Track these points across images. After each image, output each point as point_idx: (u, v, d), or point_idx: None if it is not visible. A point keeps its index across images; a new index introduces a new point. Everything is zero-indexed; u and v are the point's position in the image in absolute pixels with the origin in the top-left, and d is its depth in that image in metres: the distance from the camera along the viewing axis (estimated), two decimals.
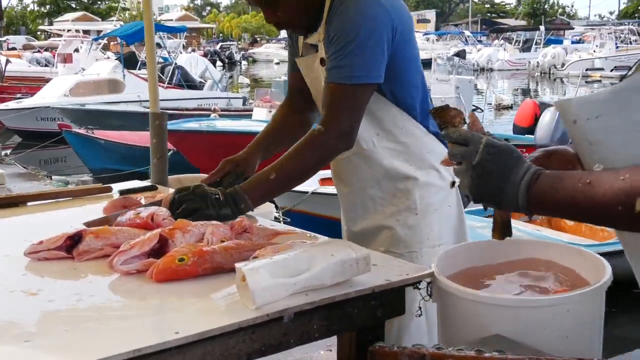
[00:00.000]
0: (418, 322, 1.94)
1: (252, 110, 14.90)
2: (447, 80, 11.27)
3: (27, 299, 1.45)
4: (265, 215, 2.41)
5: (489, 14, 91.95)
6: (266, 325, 1.37)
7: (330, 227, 2.52)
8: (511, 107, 18.95)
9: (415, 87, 2.09)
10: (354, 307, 1.50)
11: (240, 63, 54.53)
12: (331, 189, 8.69)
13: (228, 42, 62.24)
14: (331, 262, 1.45)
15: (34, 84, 21.12)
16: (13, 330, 1.30)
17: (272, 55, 59.49)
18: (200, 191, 1.91)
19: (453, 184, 2.13)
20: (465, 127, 1.35)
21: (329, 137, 1.97)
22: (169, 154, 10.09)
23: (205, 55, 38.79)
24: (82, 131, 11.79)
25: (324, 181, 8.50)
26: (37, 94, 17.74)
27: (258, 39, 74.03)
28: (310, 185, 8.08)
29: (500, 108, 19.10)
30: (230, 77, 30.16)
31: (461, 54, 42.04)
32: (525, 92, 30.01)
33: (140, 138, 11.27)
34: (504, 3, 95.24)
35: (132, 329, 1.29)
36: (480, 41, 59.44)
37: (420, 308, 1.65)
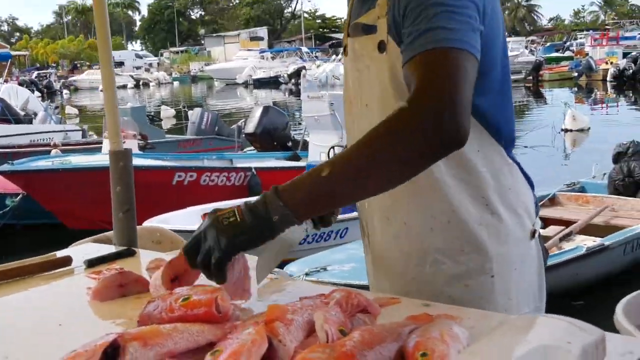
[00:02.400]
0: None
1: (96, 143, 13.96)
2: (320, 97, 10.96)
3: None
4: None
5: (320, 29, 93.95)
6: None
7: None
8: None
9: (503, 99, 1.56)
10: None
11: (62, 92, 52.07)
12: None
13: (45, 70, 59.24)
14: (575, 354, 1.00)
15: None
16: None
17: (97, 82, 57.31)
18: (209, 227, 1.34)
19: (534, 233, 1.62)
20: None
21: (421, 114, 1.26)
22: (17, 199, 9.15)
23: (20, 85, 36.59)
24: None
25: None
26: None
27: (78, 65, 71.08)
28: (192, 221, 7.46)
29: None
30: (57, 107, 28.46)
31: (301, 71, 42.62)
32: None
33: None
34: (335, 17, 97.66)
35: None
36: (316, 57, 60.64)
37: None
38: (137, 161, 9.56)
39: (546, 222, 7.03)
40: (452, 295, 1.53)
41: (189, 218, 7.36)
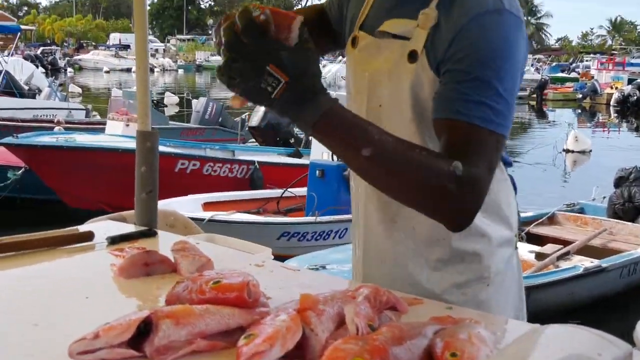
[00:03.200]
0: None
1: (99, 124, 13.98)
2: None
3: None
4: None
5: None
6: None
7: None
8: None
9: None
10: None
11: (66, 70, 51.99)
12: (235, 216, 8.14)
13: (51, 47, 59.17)
14: None
15: None
16: None
17: (101, 62, 57.46)
18: (255, 61, 1.26)
19: (515, 244, 1.69)
20: None
21: (463, 184, 1.34)
22: (19, 172, 9.15)
23: (25, 59, 36.56)
24: None
25: (208, 206, 7.91)
26: None
27: (84, 45, 71.03)
28: (193, 209, 7.48)
29: None
30: (61, 84, 28.43)
31: None
32: None
33: None
34: None
35: None
36: (322, 57, 60.63)
37: None
38: None
39: (544, 240, 7.07)
40: (451, 299, 1.55)
41: (190, 205, 7.39)
